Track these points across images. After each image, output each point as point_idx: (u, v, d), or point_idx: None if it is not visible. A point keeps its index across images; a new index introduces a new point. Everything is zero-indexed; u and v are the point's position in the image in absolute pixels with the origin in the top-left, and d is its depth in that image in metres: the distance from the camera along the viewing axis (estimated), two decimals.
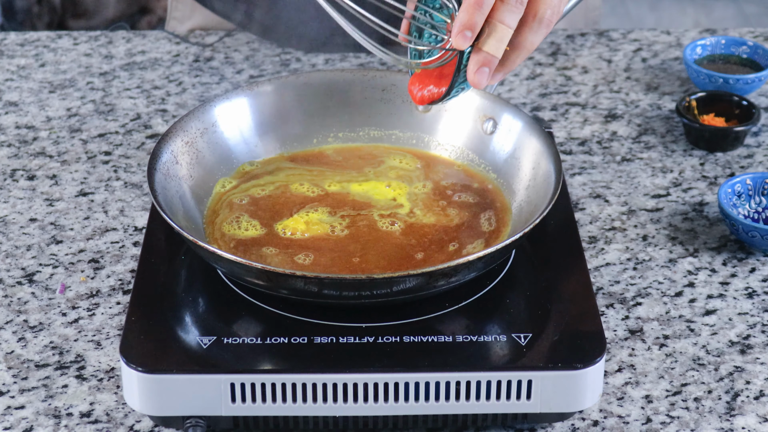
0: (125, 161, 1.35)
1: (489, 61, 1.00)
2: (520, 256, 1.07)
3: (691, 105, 1.39)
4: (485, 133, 1.17)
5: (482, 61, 1.00)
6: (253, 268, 0.97)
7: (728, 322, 1.12)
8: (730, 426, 1.01)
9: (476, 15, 0.98)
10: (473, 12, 0.98)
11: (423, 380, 0.95)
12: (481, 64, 1.00)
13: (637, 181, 1.32)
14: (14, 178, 1.32)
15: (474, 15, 0.98)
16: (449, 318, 1.00)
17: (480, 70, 1.01)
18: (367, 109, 1.19)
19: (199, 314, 1.01)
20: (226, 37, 1.59)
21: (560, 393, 0.96)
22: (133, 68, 1.54)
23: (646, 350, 1.09)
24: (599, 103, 1.46)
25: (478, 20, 0.98)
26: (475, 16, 0.98)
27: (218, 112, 1.16)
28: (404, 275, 0.96)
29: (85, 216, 1.26)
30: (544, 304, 1.02)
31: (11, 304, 1.14)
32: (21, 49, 1.58)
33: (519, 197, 1.11)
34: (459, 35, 0.98)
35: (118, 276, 1.17)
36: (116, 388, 1.04)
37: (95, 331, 1.10)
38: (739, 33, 1.62)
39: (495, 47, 1.00)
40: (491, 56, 1.00)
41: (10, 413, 1.02)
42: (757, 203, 1.24)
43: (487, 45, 1.00)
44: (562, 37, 1.61)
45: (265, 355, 0.97)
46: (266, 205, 1.12)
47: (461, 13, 0.98)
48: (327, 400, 0.95)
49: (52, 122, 1.43)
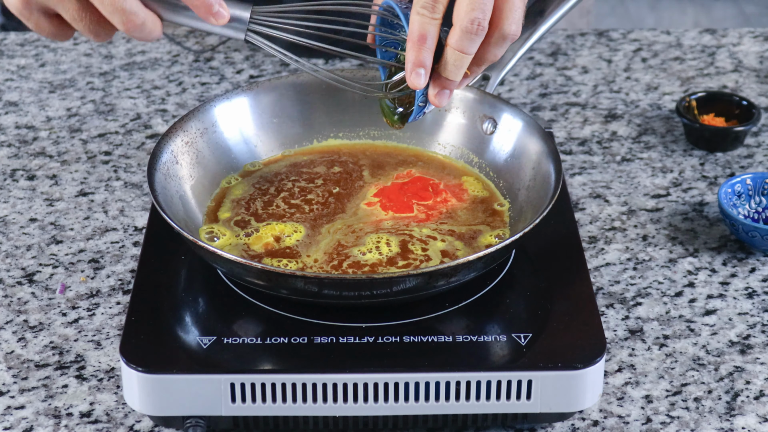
0: (125, 161, 1.35)
1: (449, 85, 1.00)
2: (520, 256, 1.07)
3: (691, 105, 1.39)
4: (485, 133, 1.17)
5: (442, 86, 1.00)
6: (253, 268, 0.97)
7: (728, 322, 1.12)
8: (730, 426, 1.01)
9: (423, 52, 0.97)
10: (419, 50, 0.97)
11: (423, 380, 0.95)
12: (441, 87, 1.00)
13: (637, 181, 1.32)
14: (14, 178, 1.32)
15: (420, 52, 0.97)
16: (449, 318, 1.00)
17: (441, 93, 1.01)
18: (367, 109, 1.19)
19: (199, 314, 1.01)
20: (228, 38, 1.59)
21: (560, 393, 0.96)
22: (133, 68, 1.54)
23: (646, 350, 1.09)
24: (599, 103, 1.46)
25: (425, 56, 0.98)
26: (422, 53, 0.97)
27: (218, 112, 1.16)
28: (404, 275, 0.96)
29: (85, 216, 1.26)
30: (544, 304, 1.02)
31: (11, 304, 1.14)
32: (21, 49, 1.58)
33: (519, 197, 1.11)
34: (413, 75, 0.98)
35: (118, 276, 1.17)
36: (116, 388, 1.04)
37: (95, 331, 1.10)
38: (739, 33, 1.62)
39: (454, 74, 0.99)
40: (451, 81, 1.00)
41: (10, 413, 1.02)
42: (757, 203, 1.24)
43: (446, 72, 0.99)
44: (562, 37, 1.61)
45: (265, 355, 0.97)
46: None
47: (408, 53, 0.98)
48: (327, 400, 0.95)
49: (52, 122, 1.43)
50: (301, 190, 1.14)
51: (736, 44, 1.60)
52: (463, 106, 1.18)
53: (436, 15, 0.98)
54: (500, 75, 1.22)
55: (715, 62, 1.56)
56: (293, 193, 1.13)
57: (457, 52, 0.98)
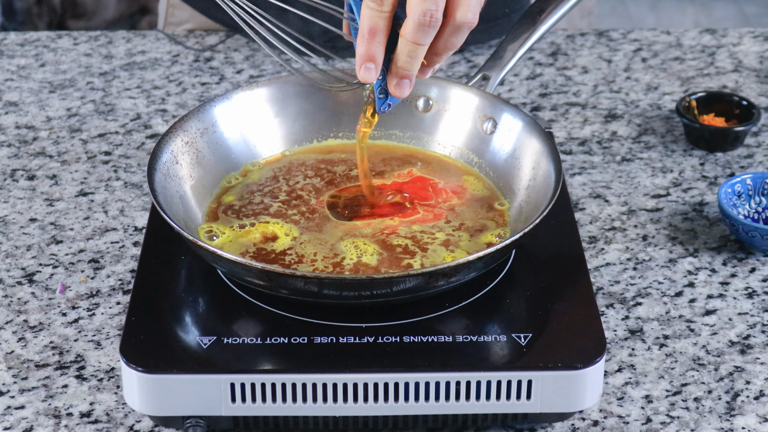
0: (125, 161, 1.35)
1: (407, 76, 0.99)
2: (520, 256, 1.07)
3: (691, 105, 1.39)
4: (485, 133, 1.17)
5: (400, 76, 0.99)
6: (253, 268, 0.97)
7: (728, 322, 1.12)
8: (730, 426, 1.01)
9: (372, 45, 0.97)
10: (368, 43, 0.97)
11: (423, 380, 0.95)
12: (399, 78, 1.00)
13: (637, 181, 1.32)
14: (14, 178, 1.32)
15: (370, 46, 0.97)
16: (449, 318, 1.00)
17: (399, 83, 1.00)
18: None
19: (199, 314, 1.01)
20: (227, 38, 1.59)
21: (560, 393, 0.96)
22: (133, 68, 1.54)
23: (646, 350, 1.09)
24: (599, 103, 1.46)
25: (375, 50, 0.97)
26: (371, 47, 0.97)
27: (218, 112, 1.16)
28: (404, 275, 0.96)
29: (85, 216, 1.26)
30: (544, 304, 1.02)
31: (11, 304, 1.14)
32: (21, 49, 1.58)
33: (519, 197, 1.11)
34: (362, 69, 0.97)
35: (118, 276, 1.17)
36: (116, 388, 1.04)
37: (95, 331, 1.10)
38: (739, 33, 1.62)
39: (411, 64, 0.98)
40: (407, 72, 0.99)
41: (10, 413, 1.02)
42: (757, 203, 1.24)
43: (401, 62, 0.98)
44: (562, 37, 1.61)
45: (265, 355, 0.97)
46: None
47: (358, 47, 0.97)
48: (327, 400, 0.95)
49: (52, 122, 1.43)
50: (301, 190, 1.14)
51: (736, 44, 1.60)
52: (463, 106, 1.18)
53: (385, 8, 0.96)
54: (500, 75, 1.22)
55: (715, 62, 1.56)
56: (293, 193, 1.13)
57: (410, 43, 0.97)
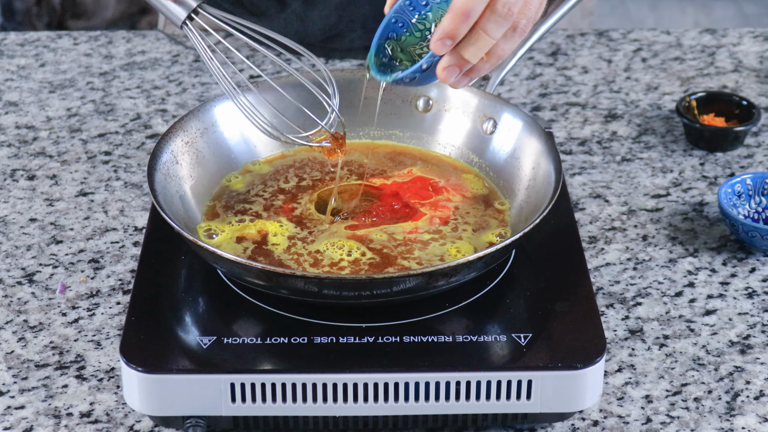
0: (125, 161, 1.35)
1: (462, 65, 0.98)
2: (520, 256, 1.07)
3: (691, 105, 1.39)
4: (485, 133, 1.17)
5: (456, 62, 0.98)
6: (253, 268, 0.97)
7: (728, 322, 1.12)
8: (730, 426, 1.01)
9: (461, 26, 0.96)
10: (459, 22, 0.96)
11: (423, 380, 0.95)
12: (454, 64, 0.98)
13: (637, 181, 1.32)
14: (14, 178, 1.32)
15: (459, 25, 0.96)
16: (449, 318, 1.00)
17: (450, 69, 0.98)
18: (367, 109, 1.19)
19: (199, 314, 1.01)
20: (227, 38, 1.59)
21: (560, 393, 0.96)
22: (133, 68, 1.54)
23: (646, 350, 1.09)
24: (599, 103, 1.46)
25: (461, 31, 0.96)
26: (459, 27, 0.96)
27: (218, 112, 1.16)
28: (404, 275, 0.96)
29: (85, 216, 1.26)
30: (544, 304, 1.02)
31: (11, 304, 1.14)
32: (21, 49, 1.58)
33: (519, 197, 1.11)
34: (439, 42, 0.96)
35: (118, 276, 1.17)
36: (116, 388, 1.04)
37: (95, 331, 1.10)
38: (739, 33, 1.62)
39: (473, 54, 0.98)
40: (466, 61, 0.98)
41: (10, 413, 1.02)
42: (757, 203, 1.24)
43: (467, 51, 0.97)
44: (562, 37, 1.61)
45: (265, 355, 0.97)
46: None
47: (445, 21, 0.96)
48: (327, 400, 0.95)
49: (52, 122, 1.43)
50: (301, 189, 1.14)
51: (736, 44, 1.60)
52: (463, 106, 1.18)
53: None
54: (500, 75, 1.22)
55: (715, 62, 1.56)
56: (293, 192, 1.13)
57: (482, 33, 0.96)
